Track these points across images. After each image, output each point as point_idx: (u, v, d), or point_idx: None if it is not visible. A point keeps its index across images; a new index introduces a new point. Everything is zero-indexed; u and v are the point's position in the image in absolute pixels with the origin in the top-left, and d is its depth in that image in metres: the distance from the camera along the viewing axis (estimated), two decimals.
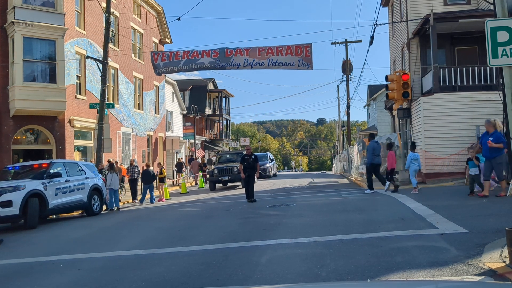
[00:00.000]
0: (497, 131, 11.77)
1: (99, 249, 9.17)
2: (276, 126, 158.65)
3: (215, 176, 24.76)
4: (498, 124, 12.09)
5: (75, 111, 23.65)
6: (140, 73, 32.95)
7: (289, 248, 7.68)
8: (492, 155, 11.71)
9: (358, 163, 29.33)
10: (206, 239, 9.14)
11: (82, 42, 24.82)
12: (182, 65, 18.93)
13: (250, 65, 18.53)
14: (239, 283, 5.84)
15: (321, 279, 5.79)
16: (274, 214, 12.20)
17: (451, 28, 20.28)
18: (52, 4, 21.67)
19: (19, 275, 7.48)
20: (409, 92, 19.04)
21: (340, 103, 53.82)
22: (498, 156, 11.64)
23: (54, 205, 14.12)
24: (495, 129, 11.79)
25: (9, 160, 20.72)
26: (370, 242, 7.57)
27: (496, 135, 11.69)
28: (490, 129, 11.85)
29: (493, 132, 11.78)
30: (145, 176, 20.38)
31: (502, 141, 11.39)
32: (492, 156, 11.69)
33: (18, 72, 20.74)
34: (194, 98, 50.87)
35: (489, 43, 6.33)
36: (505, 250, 5.97)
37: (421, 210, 10.54)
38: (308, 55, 18.39)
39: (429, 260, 6.13)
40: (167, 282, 6.28)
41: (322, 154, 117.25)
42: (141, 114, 33.01)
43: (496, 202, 10.89)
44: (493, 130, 11.79)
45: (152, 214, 15.47)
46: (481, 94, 18.59)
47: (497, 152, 11.61)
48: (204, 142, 51.87)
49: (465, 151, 17.85)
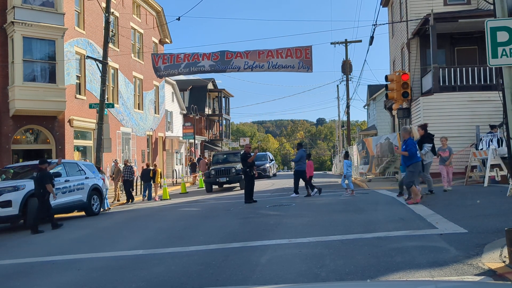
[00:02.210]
0: (411, 138, 11.48)
1: (98, 249, 9.16)
2: (276, 126, 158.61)
3: (212, 177, 23.27)
4: (414, 132, 11.85)
5: (75, 111, 23.65)
6: (140, 73, 32.95)
7: (289, 248, 7.68)
8: (406, 163, 11.47)
9: (358, 163, 29.33)
10: (206, 239, 9.14)
11: (81, 42, 24.82)
12: (183, 68, 18.98)
13: (250, 68, 18.55)
14: (238, 283, 5.84)
15: (320, 279, 5.79)
16: (274, 214, 12.20)
17: (451, 28, 20.29)
18: (51, 4, 21.67)
19: (18, 275, 7.48)
20: (408, 92, 19.04)
21: (340, 103, 53.87)
22: (411, 164, 11.34)
23: (53, 205, 14.09)
24: (409, 137, 11.51)
25: (9, 160, 20.73)
26: (369, 242, 7.57)
27: (407, 142, 11.40)
28: (405, 136, 11.56)
29: (406, 140, 11.50)
30: (144, 175, 21.79)
31: (409, 149, 11.15)
32: (406, 164, 11.44)
33: (18, 72, 20.74)
34: (194, 98, 50.88)
35: (488, 43, 6.33)
36: (505, 250, 5.98)
37: (420, 210, 10.54)
38: (308, 58, 18.41)
39: (428, 260, 6.13)
40: (167, 282, 6.28)
41: (322, 154, 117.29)
42: (140, 114, 33.01)
43: (496, 202, 10.90)
44: (408, 137, 11.50)
45: (152, 214, 15.47)
46: (481, 94, 18.61)
47: (411, 160, 11.31)
48: (204, 142, 51.87)
49: (465, 151, 17.87)
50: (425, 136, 13.46)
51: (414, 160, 11.38)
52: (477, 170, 16.51)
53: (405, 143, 11.50)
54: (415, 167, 11.44)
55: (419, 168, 11.65)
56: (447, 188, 13.85)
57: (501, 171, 14.83)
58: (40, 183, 12.77)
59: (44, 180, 12.76)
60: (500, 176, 14.90)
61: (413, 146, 11.39)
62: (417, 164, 11.47)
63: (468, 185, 16.08)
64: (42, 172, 12.92)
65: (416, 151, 11.49)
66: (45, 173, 12.95)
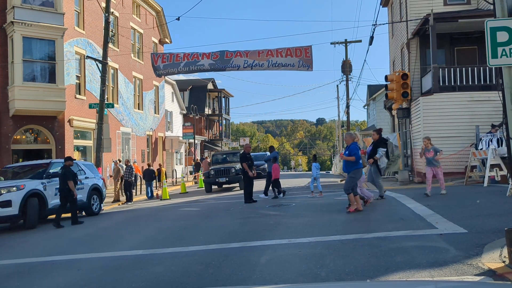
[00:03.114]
0: (354, 143, 11.31)
1: (98, 249, 9.16)
2: (275, 126, 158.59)
3: (211, 177, 23.13)
4: (357, 137, 11.69)
5: (74, 111, 23.65)
6: (140, 73, 32.94)
7: (289, 248, 7.69)
8: (347, 170, 11.25)
9: None
10: (205, 239, 9.14)
11: (81, 42, 24.82)
12: (182, 67, 18.94)
13: (250, 66, 18.52)
14: (238, 283, 5.84)
15: (320, 279, 5.79)
16: (274, 214, 12.20)
17: (450, 28, 20.28)
18: (51, 4, 21.66)
19: (18, 275, 7.48)
20: (408, 92, 19.04)
21: (339, 103, 53.89)
22: (352, 170, 11.13)
23: (53, 205, 14.10)
24: (352, 142, 11.31)
25: (9, 160, 20.72)
26: (369, 242, 7.57)
27: (350, 147, 11.21)
28: (348, 141, 11.37)
29: (349, 145, 11.31)
30: (146, 175, 22.97)
31: (354, 153, 10.99)
32: (348, 170, 11.22)
33: (18, 72, 20.74)
34: (194, 98, 50.86)
35: (488, 43, 6.33)
36: (505, 250, 5.98)
37: (420, 210, 10.55)
38: (308, 56, 18.37)
39: (428, 260, 6.13)
40: (166, 282, 6.28)
41: (321, 154, 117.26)
42: (140, 114, 33.01)
43: (495, 202, 10.90)
44: (351, 142, 11.31)
45: (152, 214, 15.47)
46: (481, 94, 18.60)
47: (354, 165, 11.13)
48: (203, 142, 51.86)
49: (464, 151, 17.88)
50: (379, 141, 13.28)
51: (357, 166, 11.13)
52: (477, 170, 16.52)
53: (348, 148, 11.25)
54: (356, 173, 11.16)
55: (360, 174, 11.37)
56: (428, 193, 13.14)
57: (501, 171, 14.84)
58: (63, 179, 13.50)
59: (67, 177, 13.46)
60: (500, 176, 14.92)
61: (357, 151, 11.13)
62: (358, 171, 11.21)
63: (468, 185, 16.10)
64: (66, 169, 13.60)
65: (359, 157, 11.22)
66: (68, 170, 13.63)
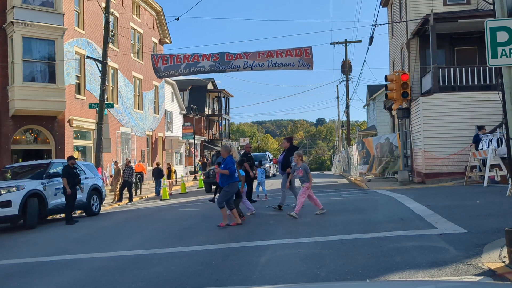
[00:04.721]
0: (230, 156, 10.90)
1: (98, 249, 9.16)
2: (275, 126, 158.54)
3: (211, 177, 22.67)
4: (233, 150, 11.21)
5: (74, 111, 23.65)
6: (140, 73, 32.94)
7: (289, 248, 7.69)
8: (222, 183, 10.77)
9: (357, 163, 29.35)
10: (205, 239, 9.14)
11: (81, 42, 24.82)
12: (183, 69, 18.94)
13: (250, 67, 18.51)
14: (238, 283, 5.84)
15: (320, 279, 5.79)
16: (273, 214, 12.20)
17: (450, 28, 20.28)
18: (51, 4, 21.66)
19: (18, 275, 7.48)
20: (408, 92, 19.04)
21: (339, 103, 53.89)
22: (228, 184, 10.68)
23: (53, 205, 14.12)
24: (228, 155, 10.92)
25: (9, 160, 20.72)
26: (369, 242, 7.57)
27: (226, 161, 10.82)
28: (224, 155, 10.99)
29: (225, 158, 10.94)
30: (155, 173, 24.04)
31: (229, 167, 10.63)
32: (223, 184, 10.75)
33: (18, 72, 20.73)
34: (194, 98, 50.86)
35: (488, 43, 6.33)
36: (505, 250, 5.98)
37: (420, 210, 10.55)
38: (308, 56, 18.35)
39: (428, 260, 6.14)
40: (166, 282, 6.28)
41: (321, 154, 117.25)
42: (140, 114, 33.01)
43: (495, 202, 10.90)
44: (227, 155, 10.92)
45: (152, 214, 15.47)
46: (481, 94, 18.60)
47: (229, 179, 10.70)
48: (203, 142, 51.86)
49: (464, 151, 17.88)
50: (290, 148, 13.04)
51: (232, 180, 10.73)
52: (477, 170, 16.52)
53: (224, 161, 10.88)
54: (231, 187, 10.73)
55: (236, 188, 10.95)
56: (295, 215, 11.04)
57: (501, 171, 14.84)
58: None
59: (62, 174, 13.97)
60: (499, 176, 14.91)
61: (232, 164, 10.77)
62: (233, 184, 10.77)
63: (468, 185, 16.10)
64: (67, 168, 14.15)
65: (234, 170, 10.83)
66: (65, 168, 14.16)
